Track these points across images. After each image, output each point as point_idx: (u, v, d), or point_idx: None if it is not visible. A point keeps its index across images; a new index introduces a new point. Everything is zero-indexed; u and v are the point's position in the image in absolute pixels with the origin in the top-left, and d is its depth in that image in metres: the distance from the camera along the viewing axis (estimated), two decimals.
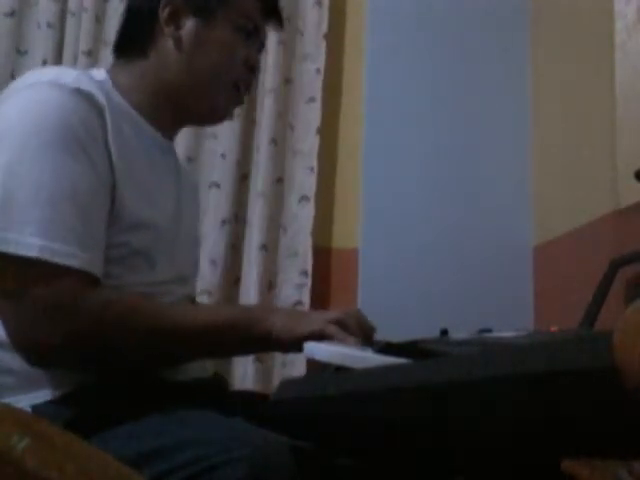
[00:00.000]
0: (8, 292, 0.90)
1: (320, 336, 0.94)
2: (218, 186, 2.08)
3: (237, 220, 2.08)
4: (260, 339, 0.97)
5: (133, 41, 1.09)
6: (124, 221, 0.97)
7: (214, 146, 2.11)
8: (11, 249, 0.88)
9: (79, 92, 0.94)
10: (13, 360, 0.92)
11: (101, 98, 0.97)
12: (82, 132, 0.93)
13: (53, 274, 0.89)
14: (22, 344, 0.90)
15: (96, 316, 0.90)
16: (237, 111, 2.07)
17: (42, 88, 0.95)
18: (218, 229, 2.04)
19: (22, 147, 0.91)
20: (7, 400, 0.90)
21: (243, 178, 2.11)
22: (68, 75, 0.97)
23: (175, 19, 1.07)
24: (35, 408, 0.90)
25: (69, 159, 0.92)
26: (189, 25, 1.08)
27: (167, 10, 1.07)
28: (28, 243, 0.88)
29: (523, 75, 2.15)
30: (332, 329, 0.94)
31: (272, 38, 2.06)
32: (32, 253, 0.87)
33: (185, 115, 1.13)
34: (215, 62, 1.08)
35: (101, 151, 0.95)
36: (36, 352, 0.90)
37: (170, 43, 1.07)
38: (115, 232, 0.96)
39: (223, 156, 2.08)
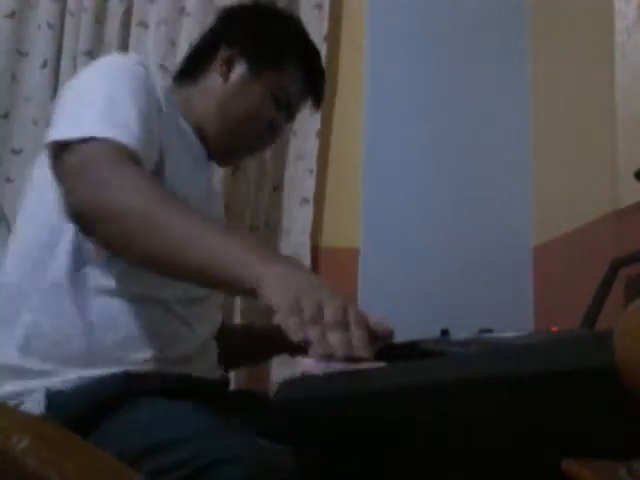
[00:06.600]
0: (64, 170, 0.95)
1: None
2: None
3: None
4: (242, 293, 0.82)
5: (191, 69, 1.24)
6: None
7: None
8: (72, 133, 0.95)
9: (144, 64, 1.09)
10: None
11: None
12: (147, 84, 1.05)
13: (105, 146, 0.94)
14: (68, 212, 0.94)
15: (129, 184, 0.91)
16: None
17: (111, 55, 1.17)
18: None
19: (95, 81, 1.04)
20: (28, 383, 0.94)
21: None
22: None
23: (229, 62, 1.21)
24: (49, 395, 0.92)
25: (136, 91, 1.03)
26: (238, 70, 1.20)
27: (226, 53, 1.20)
28: (83, 129, 0.95)
29: (523, 75, 2.15)
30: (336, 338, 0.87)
31: None
32: (83, 134, 0.94)
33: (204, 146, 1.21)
34: (244, 111, 1.19)
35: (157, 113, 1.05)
36: (80, 217, 0.93)
37: (218, 79, 1.20)
38: None
39: None
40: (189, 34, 2.04)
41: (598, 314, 1.35)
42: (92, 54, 2.07)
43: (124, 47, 2.09)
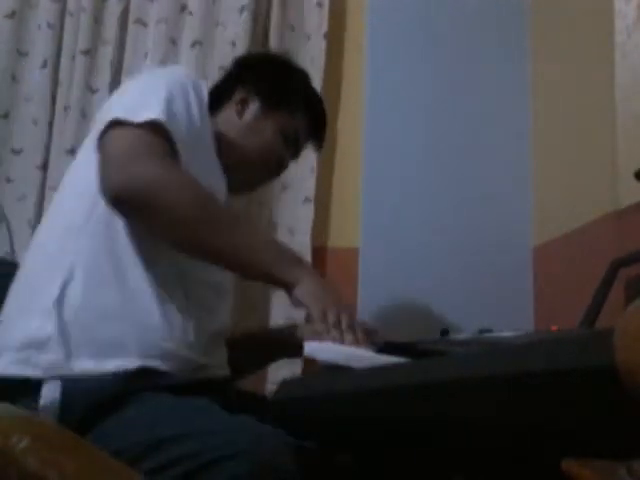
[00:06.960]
0: (111, 147, 1.05)
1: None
2: None
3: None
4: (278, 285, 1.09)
5: (212, 102, 1.32)
6: None
7: None
8: (130, 118, 1.06)
9: (199, 80, 1.23)
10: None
11: None
12: (198, 89, 1.19)
13: (153, 137, 1.05)
14: (105, 194, 1.03)
15: (167, 173, 1.03)
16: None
17: (175, 66, 1.35)
18: None
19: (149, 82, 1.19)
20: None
21: None
22: None
23: (244, 101, 1.35)
24: (66, 382, 0.94)
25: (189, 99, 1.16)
26: (252, 107, 1.34)
27: (242, 93, 1.35)
28: (142, 115, 1.06)
29: (523, 75, 2.15)
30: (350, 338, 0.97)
31: (274, 41, 2.06)
32: (137, 120, 1.05)
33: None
34: (258, 147, 1.32)
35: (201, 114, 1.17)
36: (116, 201, 1.02)
37: (234, 115, 1.34)
38: None
39: None
40: (191, 32, 2.04)
41: (598, 314, 1.35)
42: (91, 53, 2.07)
43: (122, 46, 2.09)
